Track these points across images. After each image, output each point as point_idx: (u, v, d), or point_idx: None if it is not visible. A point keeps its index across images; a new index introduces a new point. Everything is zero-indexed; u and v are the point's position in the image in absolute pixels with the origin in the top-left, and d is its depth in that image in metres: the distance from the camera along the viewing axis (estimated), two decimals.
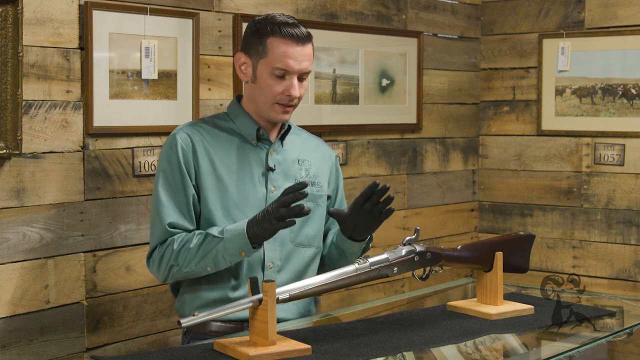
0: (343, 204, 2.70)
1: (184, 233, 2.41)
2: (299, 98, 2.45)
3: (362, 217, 2.40)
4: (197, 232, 2.39)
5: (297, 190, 2.22)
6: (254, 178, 2.48)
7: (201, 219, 2.45)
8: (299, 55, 2.41)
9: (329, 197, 2.64)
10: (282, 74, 2.41)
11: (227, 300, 2.41)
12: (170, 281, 2.47)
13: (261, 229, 2.28)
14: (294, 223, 2.24)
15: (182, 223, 2.41)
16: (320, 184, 2.59)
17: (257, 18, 2.48)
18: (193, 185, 2.43)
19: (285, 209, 2.22)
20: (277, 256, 2.48)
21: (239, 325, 2.44)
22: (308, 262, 2.55)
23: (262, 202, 2.47)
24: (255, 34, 2.44)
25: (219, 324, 2.45)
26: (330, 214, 2.47)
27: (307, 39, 2.43)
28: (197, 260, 2.36)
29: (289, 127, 2.55)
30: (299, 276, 2.48)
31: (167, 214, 2.41)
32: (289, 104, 2.45)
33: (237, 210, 2.44)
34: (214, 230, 2.36)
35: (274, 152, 2.51)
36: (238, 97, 2.57)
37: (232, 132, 2.51)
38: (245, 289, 2.44)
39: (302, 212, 2.21)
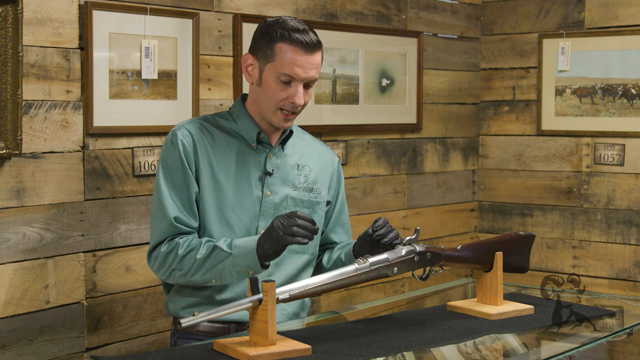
0: (343, 210, 2.68)
1: (189, 237, 2.38)
2: (303, 105, 2.43)
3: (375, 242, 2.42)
4: (204, 240, 2.36)
5: (311, 224, 2.24)
6: (251, 181, 2.46)
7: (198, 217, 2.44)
8: (306, 64, 2.37)
9: (328, 203, 2.63)
10: (288, 80, 2.38)
11: (213, 302, 2.41)
12: (171, 282, 2.46)
13: (269, 246, 2.26)
14: (304, 242, 2.23)
15: (185, 219, 2.40)
16: (319, 190, 2.56)
17: (268, 20, 2.44)
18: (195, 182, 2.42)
19: (297, 228, 2.21)
20: None
21: (227, 327, 2.43)
22: (300, 269, 2.53)
23: (256, 205, 2.45)
24: (265, 37, 2.40)
25: (206, 324, 2.44)
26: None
27: (316, 47, 2.39)
28: (203, 272, 2.34)
29: (291, 132, 2.54)
30: (290, 282, 2.42)
31: (171, 209, 2.38)
32: (292, 111, 2.42)
33: (231, 212, 2.43)
34: (223, 244, 2.33)
35: (274, 156, 2.50)
36: (243, 97, 2.54)
37: (232, 133, 2.49)
38: (231, 291, 2.43)
39: (314, 231, 2.23)
